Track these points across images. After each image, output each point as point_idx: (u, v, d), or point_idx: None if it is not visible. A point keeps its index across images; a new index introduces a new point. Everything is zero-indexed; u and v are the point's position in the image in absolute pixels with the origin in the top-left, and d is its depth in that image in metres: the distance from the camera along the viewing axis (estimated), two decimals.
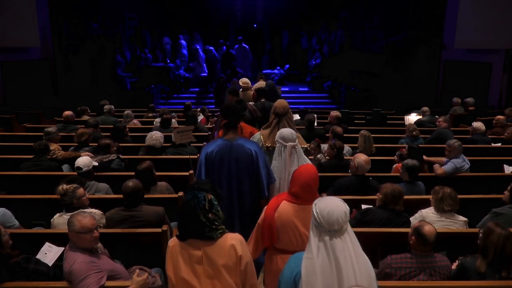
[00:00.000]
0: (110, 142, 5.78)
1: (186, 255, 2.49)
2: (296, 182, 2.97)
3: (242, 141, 3.90)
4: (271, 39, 17.35)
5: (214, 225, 2.48)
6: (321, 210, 2.21)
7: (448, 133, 7.37)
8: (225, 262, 2.48)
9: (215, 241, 2.49)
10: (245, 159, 3.78)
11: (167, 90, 14.73)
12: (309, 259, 2.16)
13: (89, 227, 3.06)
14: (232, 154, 3.78)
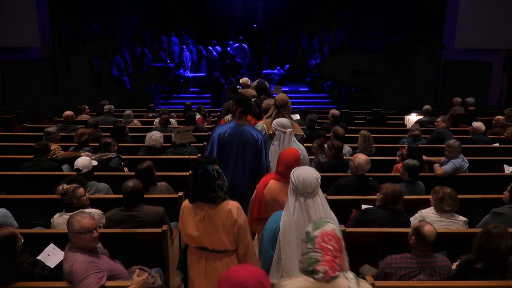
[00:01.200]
0: (111, 141, 5.78)
1: (193, 213, 3.04)
2: (281, 162, 3.44)
3: (250, 127, 4.52)
4: (271, 39, 17.34)
5: (221, 190, 2.99)
6: (297, 176, 2.70)
7: (447, 133, 7.37)
8: (222, 223, 2.98)
9: (216, 205, 2.99)
10: (252, 143, 4.36)
11: (167, 90, 14.73)
12: (286, 215, 2.69)
13: (88, 227, 3.06)
14: (242, 137, 4.37)
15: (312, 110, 9.79)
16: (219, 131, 4.43)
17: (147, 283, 3.12)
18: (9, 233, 3.05)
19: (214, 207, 3.00)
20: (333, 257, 2.00)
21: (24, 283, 3.07)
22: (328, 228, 2.09)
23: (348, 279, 2.00)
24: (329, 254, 2.00)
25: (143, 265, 3.64)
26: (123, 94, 13.81)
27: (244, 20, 17.54)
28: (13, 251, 3.07)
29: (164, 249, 3.96)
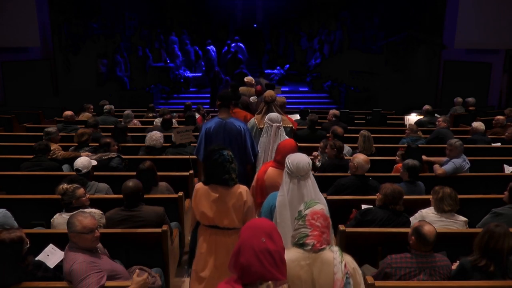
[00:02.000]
0: (111, 141, 5.79)
1: (207, 195, 3.31)
2: (280, 152, 3.77)
3: (233, 119, 4.90)
4: (271, 39, 17.35)
5: (234, 173, 3.30)
6: (292, 161, 3.09)
7: (447, 133, 7.36)
8: (233, 204, 3.28)
9: (229, 188, 3.30)
10: (236, 132, 4.78)
11: (167, 90, 14.73)
12: (281, 196, 3.10)
13: (90, 227, 3.07)
14: (226, 129, 4.79)
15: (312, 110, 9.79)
16: (205, 127, 4.89)
17: (147, 283, 3.12)
18: (17, 237, 3.07)
19: (227, 189, 3.30)
20: (321, 233, 2.32)
21: (24, 284, 3.08)
22: (317, 208, 2.40)
23: (333, 252, 2.31)
24: (317, 230, 2.31)
25: (143, 265, 3.64)
26: (123, 94, 13.82)
27: (244, 20, 17.55)
28: (19, 254, 3.09)
29: (164, 249, 3.96)
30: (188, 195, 5.51)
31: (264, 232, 1.91)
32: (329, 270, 2.25)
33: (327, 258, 2.28)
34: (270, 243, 1.86)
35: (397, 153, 5.81)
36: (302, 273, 2.26)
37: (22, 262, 3.12)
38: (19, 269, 3.08)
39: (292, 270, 2.23)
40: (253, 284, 1.79)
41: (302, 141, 7.10)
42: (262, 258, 1.82)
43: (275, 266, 1.83)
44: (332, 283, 2.22)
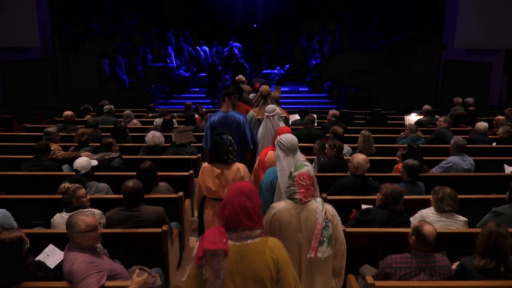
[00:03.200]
0: (113, 141, 5.80)
1: (211, 172, 4.02)
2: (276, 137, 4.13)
3: (234, 113, 5.62)
4: (271, 39, 17.35)
5: (232, 154, 4.01)
6: (286, 139, 3.83)
7: (447, 133, 7.37)
8: (233, 178, 3.94)
9: (229, 165, 4.01)
10: (236, 124, 5.50)
11: (167, 90, 14.73)
12: (281, 170, 3.73)
13: (94, 224, 3.10)
14: (228, 121, 5.50)
15: (312, 110, 9.80)
16: (210, 119, 5.66)
17: (147, 283, 3.12)
18: (17, 237, 3.08)
19: (227, 166, 4.00)
20: (306, 190, 2.94)
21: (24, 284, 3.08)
22: (304, 170, 3.00)
23: (317, 202, 2.94)
24: (303, 188, 2.94)
25: (143, 265, 3.64)
26: (123, 94, 13.81)
27: (244, 20, 17.55)
28: (19, 254, 3.10)
29: (164, 249, 3.96)
30: (188, 195, 5.52)
31: (244, 194, 2.39)
32: (313, 217, 2.89)
33: (312, 208, 2.92)
34: (248, 202, 2.37)
35: (397, 154, 5.82)
36: (292, 219, 2.91)
37: (23, 262, 3.12)
38: (19, 269, 3.09)
39: (285, 216, 2.92)
40: (233, 228, 2.36)
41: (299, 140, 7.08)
42: (239, 212, 2.34)
43: (250, 218, 2.35)
44: (314, 225, 2.87)
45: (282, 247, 2.41)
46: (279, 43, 17.26)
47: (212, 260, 2.27)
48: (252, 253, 2.31)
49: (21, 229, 3.26)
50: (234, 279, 2.29)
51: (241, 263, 2.30)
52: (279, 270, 2.33)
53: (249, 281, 2.30)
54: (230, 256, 2.29)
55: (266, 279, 2.29)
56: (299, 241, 2.89)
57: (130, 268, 3.56)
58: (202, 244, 2.34)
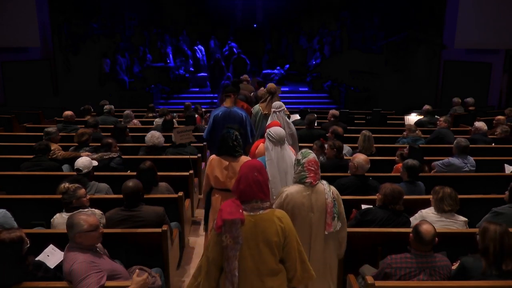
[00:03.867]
0: (113, 141, 5.80)
1: (219, 163, 4.28)
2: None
3: (236, 108, 6.06)
4: (271, 39, 17.35)
5: (237, 147, 4.27)
6: (274, 132, 4.19)
7: (448, 133, 7.37)
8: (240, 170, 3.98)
9: (236, 158, 4.26)
10: (239, 119, 5.86)
11: (167, 90, 14.73)
12: (269, 160, 4.14)
13: (96, 224, 3.12)
14: (231, 115, 5.85)
15: (312, 110, 9.80)
16: (214, 113, 5.98)
17: (147, 283, 3.12)
18: (17, 236, 3.08)
19: (234, 159, 4.25)
20: (314, 174, 3.33)
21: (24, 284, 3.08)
22: (311, 157, 3.37)
23: (323, 184, 3.35)
24: (312, 172, 3.32)
25: (143, 265, 3.64)
26: (123, 94, 13.81)
27: (244, 20, 17.55)
28: (19, 254, 3.10)
29: (164, 249, 3.96)
30: (188, 195, 5.52)
31: (256, 169, 2.75)
32: (322, 197, 3.29)
33: (320, 189, 3.32)
34: (259, 176, 2.73)
35: (397, 153, 5.81)
36: (304, 200, 3.26)
37: (23, 262, 3.12)
38: (19, 269, 3.08)
39: (298, 198, 3.26)
40: (247, 201, 2.69)
41: (300, 140, 7.10)
42: (253, 185, 2.68)
43: (262, 191, 2.71)
44: (325, 205, 3.27)
45: (287, 218, 2.78)
46: (279, 43, 17.26)
47: (231, 228, 2.61)
48: (264, 222, 2.67)
49: (21, 229, 3.26)
50: (249, 244, 2.64)
51: (255, 231, 2.65)
52: (286, 236, 2.70)
53: (261, 245, 2.65)
54: (246, 224, 2.64)
55: (274, 244, 2.66)
56: (310, 220, 3.26)
57: (130, 268, 3.56)
58: (220, 215, 2.65)
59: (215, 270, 2.69)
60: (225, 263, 2.64)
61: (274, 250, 2.66)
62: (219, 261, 2.67)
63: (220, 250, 2.64)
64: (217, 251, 2.65)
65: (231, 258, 2.60)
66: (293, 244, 2.72)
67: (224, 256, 2.63)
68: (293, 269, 2.74)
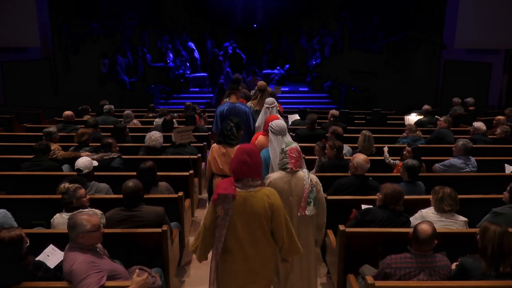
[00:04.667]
0: (113, 142, 5.80)
1: (219, 150, 4.88)
2: (266, 123, 4.80)
3: (240, 104, 6.57)
4: (271, 39, 17.35)
5: (232, 137, 4.86)
6: (275, 124, 4.44)
7: (448, 133, 7.36)
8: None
9: (233, 146, 4.74)
10: (242, 113, 6.36)
11: (167, 90, 14.73)
12: (273, 149, 4.38)
13: (98, 224, 3.13)
14: (235, 111, 6.34)
15: (312, 110, 9.80)
16: (220, 109, 6.52)
17: (147, 283, 3.12)
18: (16, 235, 3.07)
19: (232, 147, 4.75)
20: (295, 161, 3.65)
21: (24, 284, 3.08)
22: (293, 145, 3.73)
23: (303, 172, 3.68)
24: (293, 159, 3.64)
25: (143, 265, 3.64)
26: (123, 94, 13.81)
27: (244, 20, 17.54)
28: (19, 253, 3.09)
29: (164, 249, 3.96)
30: (188, 195, 5.52)
31: (245, 152, 3.09)
32: (301, 183, 3.61)
33: (300, 176, 3.64)
34: (248, 158, 3.07)
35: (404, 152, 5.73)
36: (285, 186, 3.61)
37: (22, 262, 3.12)
38: (20, 269, 3.08)
39: (279, 184, 3.60)
40: (240, 179, 3.07)
41: (302, 140, 7.11)
42: (242, 165, 3.06)
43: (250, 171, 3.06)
44: (303, 190, 3.60)
45: (276, 195, 3.14)
46: (279, 43, 17.26)
47: (224, 201, 3.00)
48: (253, 198, 3.04)
49: (21, 228, 3.26)
50: (240, 216, 3.02)
51: (245, 205, 3.03)
52: (273, 211, 3.06)
53: (250, 218, 3.03)
54: (237, 200, 3.01)
55: (263, 217, 3.03)
56: (290, 203, 3.60)
57: (130, 268, 3.56)
58: (216, 190, 3.07)
59: (209, 236, 3.10)
60: (216, 230, 3.04)
61: (263, 221, 3.04)
62: (213, 228, 3.07)
63: (214, 219, 3.05)
64: (212, 220, 3.07)
65: (221, 227, 3.01)
66: (280, 219, 3.08)
67: (216, 224, 3.03)
68: (281, 241, 3.12)
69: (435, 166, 5.89)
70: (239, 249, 3.07)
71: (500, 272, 3.12)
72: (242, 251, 3.06)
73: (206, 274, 4.53)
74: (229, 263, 3.09)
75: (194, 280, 4.68)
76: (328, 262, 4.52)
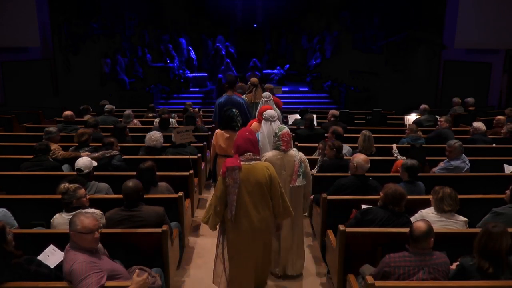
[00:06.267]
0: (114, 141, 5.80)
1: (223, 135, 5.63)
2: (260, 112, 5.54)
3: (235, 96, 7.51)
4: (271, 39, 17.34)
5: (239, 123, 5.64)
6: (267, 113, 5.14)
7: (448, 133, 7.36)
8: None
9: (235, 131, 5.22)
10: (238, 104, 7.14)
11: (167, 90, 14.73)
12: (261, 133, 5.07)
13: (90, 227, 3.06)
14: (232, 102, 7.22)
15: (312, 110, 9.80)
16: (219, 101, 7.51)
17: (147, 283, 3.12)
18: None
19: (234, 132, 5.31)
20: (287, 143, 4.39)
21: (24, 283, 3.06)
22: (285, 130, 4.44)
23: (294, 151, 4.42)
24: (285, 141, 4.38)
25: (143, 265, 3.64)
26: (123, 94, 13.80)
27: (244, 20, 17.54)
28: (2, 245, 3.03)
29: (164, 249, 3.96)
30: (188, 195, 5.52)
31: (247, 131, 3.98)
32: (292, 160, 4.37)
33: (291, 154, 4.39)
34: (250, 135, 3.91)
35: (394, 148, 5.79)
36: (278, 162, 4.34)
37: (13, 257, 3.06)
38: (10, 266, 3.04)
39: (273, 160, 4.30)
40: (242, 153, 3.81)
41: (301, 140, 7.11)
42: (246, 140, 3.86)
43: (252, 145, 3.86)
44: (293, 165, 4.35)
45: (272, 167, 3.92)
46: (279, 43, 17.25)
47: (232, 172, 3.72)
48: (255, 169, 3.79)
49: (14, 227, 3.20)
50: (245, 184, 3.76)
51: (249, 175, 3.77)
52: (271, 180, 3.81)
53: (254, 185, 3.77)
54: (242, 171, 3.75)
55: (263, 184, 3.78)
56: (283, 176, 4.33)
57: (130, 268, 3.55)
58: (224, 165, 3.79)
59: (220, 205, 3.79)
60: (228, 197, 3.75)
61: (263, 188, 3.78)
62: (224, 197, 3.77)
63: (224, 188, 3.76)
64: (222, 189, 3.77)
65: (231, 194, 3.72)
66: (276, 186, 3.84)
67: (227, 192, 3.73)
68: (277, 206, 3.85)
69: (433, 171, 5.83)
70: (244, 212, 3.77)
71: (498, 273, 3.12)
72: (247, 213, 3.77)
73: (206, 274, 4.55)
74: (236, 224, 3.78)
75: (194, 280, 4.68)
76: (328, 262, 4.51)
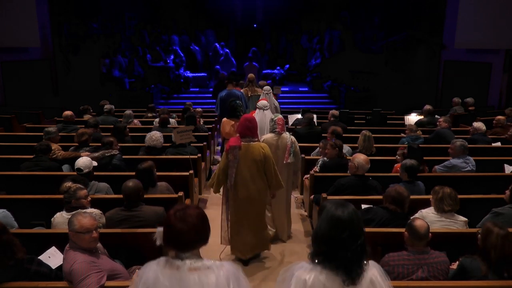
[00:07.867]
0: (114, 140, 5.80)
1: (229, 123, 6.94)
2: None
3: (234, 90, 8.62)
4: (271, 39, 17.34)
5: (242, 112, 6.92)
6: (260, 103, 6.72)
7: (448, 133, 7.36)
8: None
9: (238, 118, 6.22)
10: (237, 97, 8.12)
11: (167, 90, 14.72)
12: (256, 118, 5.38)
13: (88, 227, 3.06)
14: (231, 95, 8.34)
15: (312, 110, 9.80)
16: (220, 94, 8.69)
17: None
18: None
19: (237, 120, 6.07)
20: (282, 127, 5.29)
21: (24, 283, 3.06)
22: (279, 116, 5.36)
23: (286, 134, 5.34)
24: (280, 126, 5.28)
25: (143, 265, 3.63)
26: (123, 94, 13.79)
27: (244, 20, 17.54)
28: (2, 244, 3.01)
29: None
30: (188, 195, 5.52)
31: (247, 119, 4.67)
32: (285, 141, 5.25)
33: (284, 136, 5.27)
34: (248, 123, 4.64)
35: (398, 152, 5.81)
36: (274, 142, 5.20)
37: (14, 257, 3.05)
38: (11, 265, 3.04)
39: (270, 141, 5.17)
40: (243, 136, 4.60)
41: (300, 139, 7.11)
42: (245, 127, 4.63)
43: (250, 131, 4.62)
44: (286, 145, 5.21)
45: (267, 147, 4.70)
46: (279, 43, 17.25)
47: (233, 150, 4.54)
48: (252, 148, 4.58)
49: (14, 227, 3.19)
50: (244, 160, 4.55)
51: (247, 153, 4.57)
52: (265, 158, 4.59)
53: (251, 162, 4.56)
54: (242, 149, 4.56)
55: (258, 161, 4.56)
56: (277, 154, 5.18)
57: (130, 268, 3.56)
58: (228, 143, 4.63)
59: (222, 175, 4.62)
60: (228, 170, 4.56)
61: (259, 164, 4.57)
62: (226, 169, 4.58)
63: (226, 163, 4.57)
64: (225, 163, 4.59)
65: (232, 168, 4.53)
66: (270, 163, 4.62)
67: (228, 165, 4.54)
68: (270, 179, 4.65)
69: (435, 168, 5.87)
70: (243, 183, 4.56)
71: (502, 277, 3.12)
72: (245, 184, 4.56)
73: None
74: (236, 193, 4.57)
75: None
76: None
